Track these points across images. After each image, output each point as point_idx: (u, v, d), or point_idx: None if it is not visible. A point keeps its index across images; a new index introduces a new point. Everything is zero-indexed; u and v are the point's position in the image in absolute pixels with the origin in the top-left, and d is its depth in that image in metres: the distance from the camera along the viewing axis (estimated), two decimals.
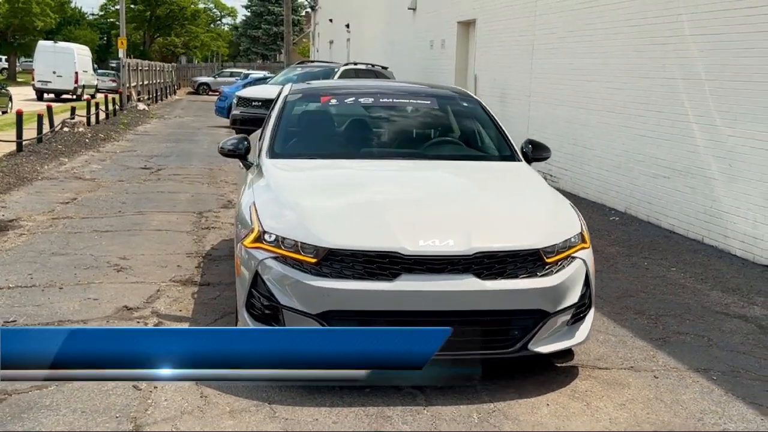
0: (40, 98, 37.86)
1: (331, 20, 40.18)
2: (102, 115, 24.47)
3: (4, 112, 28.74)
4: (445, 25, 20.04)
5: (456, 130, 6.70)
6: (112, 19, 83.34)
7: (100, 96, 30.80)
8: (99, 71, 52.12)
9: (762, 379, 5.26)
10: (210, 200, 11.56)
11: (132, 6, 68.71)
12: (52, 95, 38.74)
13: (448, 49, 19.82)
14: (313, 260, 4.77)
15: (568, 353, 5.43)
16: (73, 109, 21.51)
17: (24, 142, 15.93)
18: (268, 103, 19.29)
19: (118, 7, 61.75)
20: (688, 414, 4.68)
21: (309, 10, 57.21)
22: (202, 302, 6.63)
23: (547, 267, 4.89)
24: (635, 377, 5.21)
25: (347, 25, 34.91)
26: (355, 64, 21.11)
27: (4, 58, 72.46)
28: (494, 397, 4.81)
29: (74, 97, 38.87)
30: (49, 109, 19.04)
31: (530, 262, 4.86)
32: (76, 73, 40.80)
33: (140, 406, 4.61)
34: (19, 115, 16.05)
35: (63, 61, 40.06)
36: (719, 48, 9.24)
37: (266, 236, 4.93)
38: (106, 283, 7.06)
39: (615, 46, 11.66)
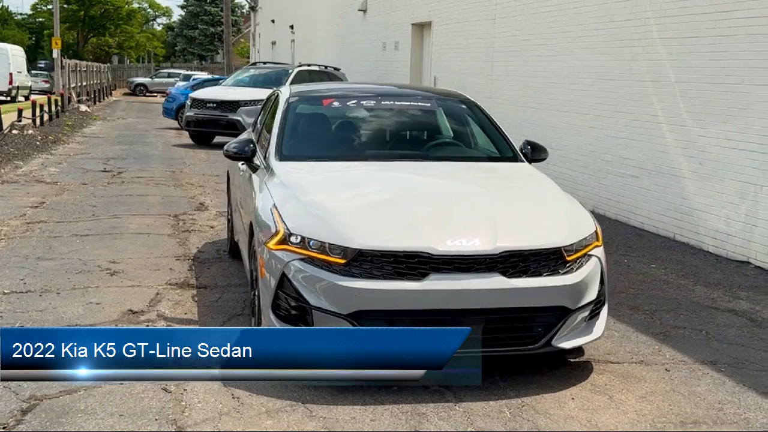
0: None
1: (273, 21, 40.02)
2: (45, 117, 24.00)
3: None
4: (399, 26, 20.18)
5: (460, 132, 6.83)
6: (41, 19, 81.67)
7: (36, 97, 30.17)
8: (32, 72, 51.03)
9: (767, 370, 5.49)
10: (182, 203, 11.49)
11: (65, 5, 67.38)
12: None
13: (401, 50, 19.96)
14: (342, 261, 4.84)
15: (578, 349, 5.57)
16: (20, 111, 21.11)
17: None
18: (223, 105, 19.39)
19: (50, 6, 60.58)
20: (708, 405, 4.87)
21: (247, 10, 56.88)
22: (205, 305, 6.64)
23: (567, 265, 5.04)
24: (648, 371, 5.39)
25: (291, 27, 34.83)
26: (309, 65, 21.10)
27: None
28: (519, 393, 4.94)
29: (8, 98, 38.00)
30: None
31: (552, 260, 5.01)
32: (11, 74, 39.84)
33: (176, 408, 4.63)
34: None
35: None
36: (689, 51, 9.53)
37: (292, 238, 4.99)
38: (102, 288, 7.01)
39: (580, 49, 11.92)
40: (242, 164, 6.94)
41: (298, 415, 4.58)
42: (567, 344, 5.07)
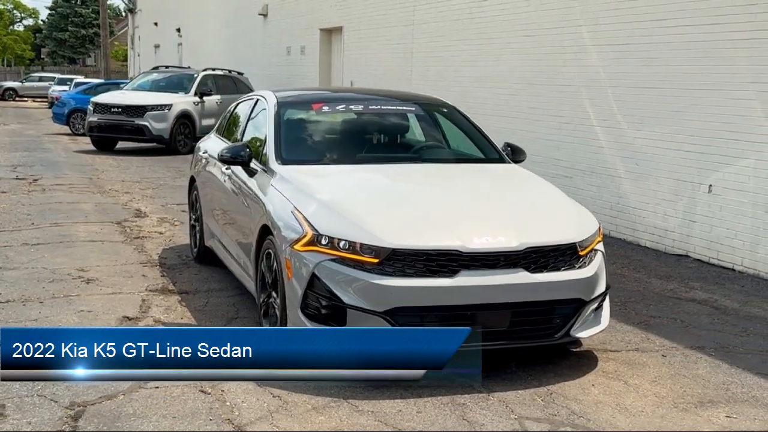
0: None
1: (156, 24, 39.28)
2: None
3: None
4: (305, 31, 20.27)
5: (448, 135, 7.06)
6: None
7: None
8: None
9: (752, 352, 5.94)
10: (117, 210, 11.29)
11: None
12: None
13: (309, 55, 20.06)
14: (375, 260, 5.00)
15: (577, 340, 5.87)
16: None
17: None
18: (129, 110, 19.01)
19: None
20: (715, 386, 5.26)
21: (123, 11, 55.50)
22: (196, 309, 6.65)
23: (581, 259, 5.36)
24: (647, 357, 5.76)
25: (178, 30, 34.31)
26: (213, 70, 20.93)
27: None
28: (542, 382, 5.21)
29: None
30: None
31: (568, 255, 5.31)
32: None
33: (223, 408, 4.69)
34: None
35: None
36: (622, 57, 10.06)
37: (322, 239, 5.11)
38: (84, 296, 6.92)
39: (508, 55, 12.34)
40: (226, 168, 6.96)
41: (345, 410, 4.71)
42: (583, 334, 5.39)
